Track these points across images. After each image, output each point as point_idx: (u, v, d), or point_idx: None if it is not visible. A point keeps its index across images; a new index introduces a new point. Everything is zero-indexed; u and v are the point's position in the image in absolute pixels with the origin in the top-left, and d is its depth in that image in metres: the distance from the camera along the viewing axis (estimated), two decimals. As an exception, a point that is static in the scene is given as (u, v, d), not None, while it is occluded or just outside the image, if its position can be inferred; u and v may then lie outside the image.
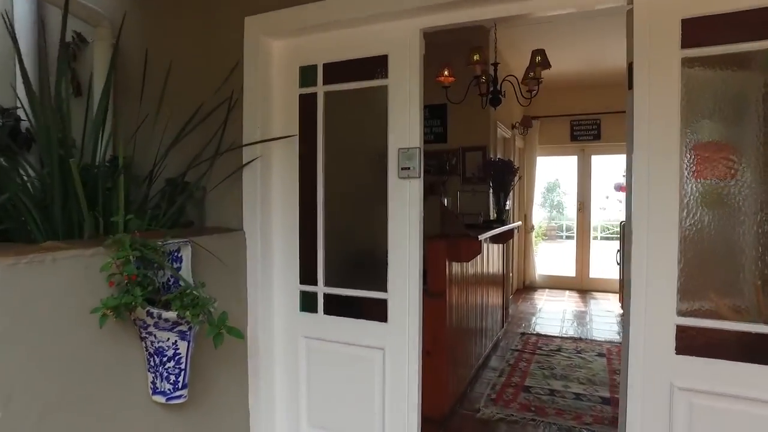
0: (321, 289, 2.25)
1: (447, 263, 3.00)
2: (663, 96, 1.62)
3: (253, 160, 2.20)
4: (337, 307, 2.23)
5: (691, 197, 1.61)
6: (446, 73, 3.67)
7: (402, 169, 2.06)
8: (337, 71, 2.17)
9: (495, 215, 4.23)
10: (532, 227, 7.24)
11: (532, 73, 3.71)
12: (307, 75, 2.24)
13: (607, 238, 16.78)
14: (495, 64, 3.65)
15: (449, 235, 3.03)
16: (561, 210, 19.79)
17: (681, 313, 1.62)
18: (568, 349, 4.43)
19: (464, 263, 3.31)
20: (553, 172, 18.30)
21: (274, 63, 2.28)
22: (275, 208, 2.32)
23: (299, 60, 2.25)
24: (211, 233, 2.09)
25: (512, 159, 5.39)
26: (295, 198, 2.30)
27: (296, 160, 2.28)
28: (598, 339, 4.72)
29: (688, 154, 1.61)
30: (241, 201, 2.25)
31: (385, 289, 2.11)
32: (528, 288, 7.32)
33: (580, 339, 4.74)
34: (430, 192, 5.32)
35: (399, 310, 2.08)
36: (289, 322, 2.33)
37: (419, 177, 2.04)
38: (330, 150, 2.22)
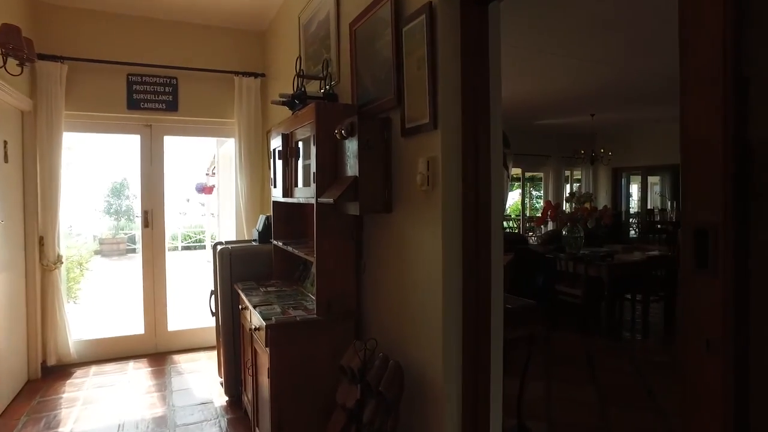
0: None
1: None
2: None
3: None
4: None
5: None
6: None
7: None
8: None
9: None
10: (60, 259, 3.91)
11: None
12: None
13: (188, 248, 14.20)
14: None
15: None
16: (131, 217, 15.94)
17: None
18: None
19: None
20: (121, 164, 14.28)
21: None
22: None
23: None
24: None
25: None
26: None
27: None
28: None
29: None
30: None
31: None
32: (57, 374, 3.94)
33: None
34: None
35: None
36: None
37: None
38: None
